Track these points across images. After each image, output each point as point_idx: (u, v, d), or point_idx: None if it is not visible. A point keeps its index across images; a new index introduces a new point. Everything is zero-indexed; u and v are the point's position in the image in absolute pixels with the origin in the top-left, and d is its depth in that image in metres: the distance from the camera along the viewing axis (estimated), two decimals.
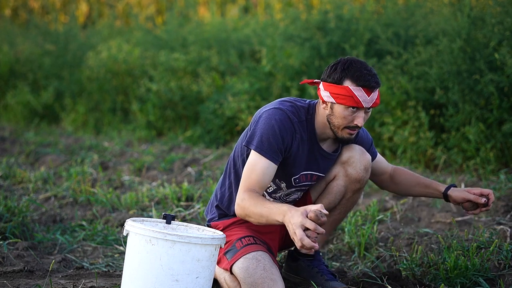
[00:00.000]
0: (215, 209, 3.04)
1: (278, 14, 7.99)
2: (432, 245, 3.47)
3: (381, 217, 3.99)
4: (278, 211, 2.61)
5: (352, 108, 2.76)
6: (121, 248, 3.71)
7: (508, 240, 3.41)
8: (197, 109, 7.54)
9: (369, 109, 2.80)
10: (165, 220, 2.70)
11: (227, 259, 2.82)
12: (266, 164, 2.77)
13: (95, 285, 3.02)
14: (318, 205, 2.53)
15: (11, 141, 7.44)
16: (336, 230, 3.88)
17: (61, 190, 4.84)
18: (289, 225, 2.54)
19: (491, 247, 3.16)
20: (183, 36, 8.64)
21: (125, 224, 2.53)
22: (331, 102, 2.78)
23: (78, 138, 7.89)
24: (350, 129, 2.82)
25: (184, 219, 4.15)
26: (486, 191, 2.91)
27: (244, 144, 2.82)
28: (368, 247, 3.65)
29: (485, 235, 3.44)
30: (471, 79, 5.14)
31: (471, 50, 5.18)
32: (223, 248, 2.86)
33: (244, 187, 2.76)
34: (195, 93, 7.60)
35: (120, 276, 3.17)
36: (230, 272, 2.81)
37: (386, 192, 4.61)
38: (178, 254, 2.43)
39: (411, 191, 3.11)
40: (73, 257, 3.54)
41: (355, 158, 2.94)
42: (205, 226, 2.86)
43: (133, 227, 2.48)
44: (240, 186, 2.78)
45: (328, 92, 2.77)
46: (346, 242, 3.71)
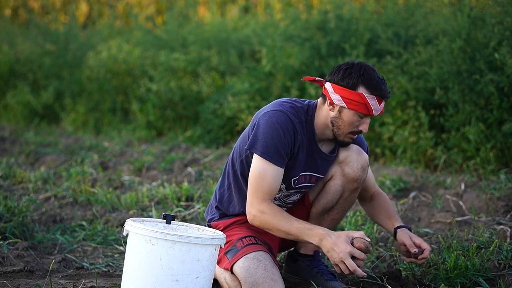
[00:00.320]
0: (215, 210, 3.04)
1: (278, 14, 7.99)
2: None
3: None
4: (312, 233, 2.67)
5: (361, 115, 2.77)
6: (121, 248, 3.71)
7: (508, 240, 3.41)
8: (197, 109, 7.54)
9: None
10: (165, 220, 2.70)
11: (228, 259, 2.82)
12: (276, 171, 2.77)
13: (95, 285, 3.02)
14: (361, 233, 2.63)
15: (11, 141, 7.44)
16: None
17: (61, 190, 4.84)
18: (332, 252, 2.61)
19: (491, 247, 3.16)
20: (183, 36, 8.64)
21: (125, 224, 2.53)
22: (341, 106, 2.78)
23: (78, 138, 7.89)
24: (353, 134, 2.84)
25: (184, 219, 4.15)
26: (424, 246, 2.88)
27: (247, 147, 2.81)
28: None
29: (485, 235, 3.44)
30: (471, 79, 5.14)
31: (471, 50, 5.18)
32: (224, 248, 2.86)
33: (259, 198, 2.76)
34: (195, 93, 7.61)
35: (120, 276, 3.17)
36: (231, 272, 2.81)
37: (386, 192, 4.61)
38: (178, 254, 2.43)
39: (376, 217, 3.11)
40: (73, 257, 3.54)
41: (352, 158, 2.94)
42: (205, 226, 2.86)
43: (133, 227, 2.48)
44: (253, 196, 2.77)
45: (340, 96, 2.76)
46: None
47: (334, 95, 2.77)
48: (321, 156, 2.91)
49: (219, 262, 2.87)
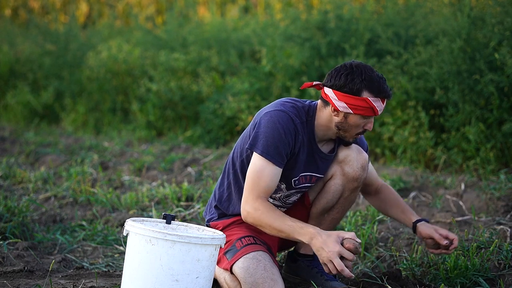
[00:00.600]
0: (214, 209, 3.04)
1: (278, 14, 7.99)
2: None
3: (381, 217, 3.98)
4: (303, 232, 2.65)
5: (366, 117, 2.78)
6: (121, 248, 3.71)
7: (508, 240, 3.41)
8: (197, 109, 7.54)
9: None
10: (165, 220, 2.70)
11: (227, 259, 2.82)
12: (274, 170, 2.77)
13: (95, 285, 3.02)
14: (351, 233, 2.61)
15: (11, 141, 7.44)
16: (336, 230, 3.87)
17: (61, 190, 4.84)
18: (321, 252, 2.60)
19: (491, 247, 3.16)
20: (183, 36, 8.64)
21: (125, 224, 2.53)
22: (347, 112, 2.77)
23: (78, 138, 7.89)
24: (359, 134, 2.85)
25: (184, 219, 4.15)
26: (452, 236, 2.92)
27: (247, 147, 2.81)
28: (368, 247, 3.65)
29: (485, 235, 3.44)
30: (471, 79, 5.14)
31: (471, 50, 5.18)
32: (223, 248, 2.86)
33: (254, 195, 2.76)
34: (195, 93, 7.61)
35: (120, 276, 3.17)
36: (230, 272, 2.81)
37: None
38: (178, 254, 2.43)
39: (388, 211, 3.12)
40: (73, 257, 3.54)
41: (352, 157, 2.94)
42: (205, 226, 2.86)
43: (133, 227, 2.48)
44: (249, 193, 2.77)
45: (345, 103, 2.74)
46: None
47: (339, 103, 2.76)
48: (321, 156, 2.91)
49: (219, 262, 2.87)
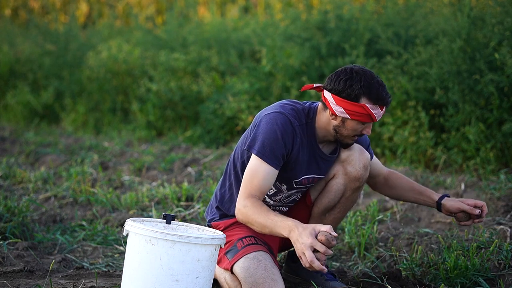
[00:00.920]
0: (216, 210, 3.04)
1: (278, 14, 7.99)
2: (432, 245, 3.47)
3: (381, 217, 3.99)
4: (283, 225, 2.62)
5: (364, 122, 2.78)
6: (121, 248, 3.71)
7: (508, 240, 3.41)
8: (197, 109, 7.54)
9: None
10: (165, 220, 2.70)
11: (228, 259, 2.82)
12: (268, 170, 2.77)
13: (95, 285, 3.02)
14: (328, 226, 2.54)
15: (11, 141, 7.44)
16: (336, 230, 3.87)
17: (61, 190, 4.84)
18: (297, 244, 2.56)
19: (491, 247, 3.16)
20: (183, 36, 8.65)
21: (125, 224, 2.53)
22: (344, 117, 2.77)
23: (78, 138, 7.89)
24: (356, 137, 2.86)
25: (184, 219, 4.15)
26: (480, 203, 2.94)
27: (245, 148, 2.82)
28: (368, 247, 3.65)
29: (485, 235, 3.44)
30: (471, 79, 5.14)
31: (471, 50, 5.18)
32: (224, 248, 2.86)
33: (246, 193, 2.76)
34: (195, 93, 7.61)
35: (120, 276, 3.17)
36: (231, 272, 2.81)
37: None
38: (178, 254, 2.43)
39: (404, 196, 3.11)
40: (73, 257, 3.54)
41: (354, 157, 2.94)
42: (205, 226, 2.86)
43: (133, 227, 2.48)
44: (241, 192, 2.78)
45: (342, 108, 2.74)
46: (346, 242, 3.71)
47: (337, 107, 2.76)
48: (323, 158, 2.92)
49: (219, 262, 2.87)
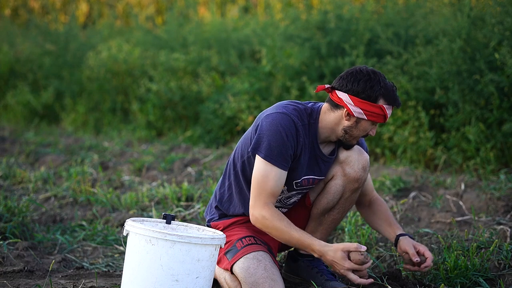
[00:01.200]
0: (215, 210, 3.04)
1: (278, 14, 7.99)
2: (432, 245, 3.47)
3: None
4: (311, 249, 2.76)
5: (375, 123, 2.84)
6: (121, 248, 3.71)
7: (508, 240, 3.41)
8: (197, 109, 7.54)
9: None
10: (165, 220, 2.70)
11: (228, 259, 2.82)
12: (279, 173, 2.79)
13: (95, 285, 3.02)
14: (354, 245, 2.70)
15: (11, 141, 7.44)
16: (336, 230, 3.88)
17: (61, 190, 4.84)
18: (335, 266, 2.75)
19: (491, 247, 3.16)
20: (183, 36, 8.65)
21: (125, 224, 2.53)
22: (360, 118, 2.80)
23: (78, 138, 7.89)
24: (361, 137, 2.91)
25: (184, 219, 4.15)
26: (427, 254, 2.91)
27: (250, 150, 2.82)
28: (368, 247, 3.65)
29: (485, 235, 3.44)
30: (471, 79, 5.14)
31: (471, 50, 5.18)
32: (223, 248, 2.86)
33: (262, 202, 2.79)
34: (195, 93, 7.61)
35: (120, 276, 3.17)
36: (231, 272, 2.81)
37: (386, 192, 4.61)
38: (178, 254, 2.43)
39: (376, 224, 3.14)
40: (73, 257, 3.54)
41: (353, 158, 2.95)
42: (205, 226, 2.86)
43: (133, 227, 2.48)
44: (256, 199, 2.79)
45: (360, 109, 2.78)
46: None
47: (355, 108, 2.78)
48: (323, 158, 2.92)
49: (219, 262, 2.87)
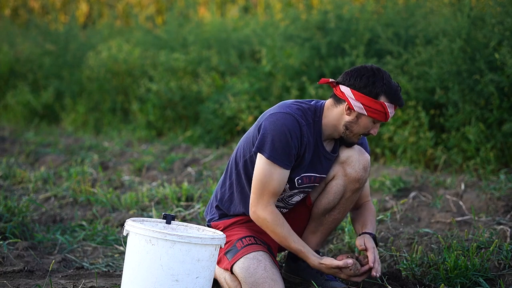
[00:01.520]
0: (215, 209, 3.04)
1: (278, 14, 7.99)
2: (432, 245, 3.47)
3: (381, 217, 3.98)
4: (306, 261, 2.86)
5: (376, 121, 2.82)
6: (121, 248, 3.71)
7: (508, 240, 3.41)
8: (197, 109, 7.54)
9: None
10: (165, 220, 2.70)
11: (228, 259, 2.82)
12: (282, 173, 2.80)
13: (95, 285, 3.02)
14: (341, 263, 2.78)
15: (11, 141, 7.44)
16: (336, 230, 3.88)
17: (61, 190, 4.84)
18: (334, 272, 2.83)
19: (491, 247, 3.16)
20: (183, 36, 8.64)
21: (125, 224, 2.53)
22: (360, 113, 2.80)
23: (78, 138, 7.89)
24: (363, 135, 2.90)
25: (184, 219, 4.15)
26: (371, 259, 2.85)
27: (254, 150, 2.82)
28: None
29: (485, 235, 3.44)
30: (471, 79, 5.14)
31: (471, 50, 5.18)
32: (224, 248, 2.86)
33: (264, 202, 2.81)
34: (195, 93, 7.61)
35: (120, 276, 3.17)
36: (231, 272, 2.81)
37: (386, 192, 4.61)
38: (178, 254, 2.43)
39: (354, 222, 3.15)
40: (73, 257, 3.54)
41: (354, 158, 2.95)
42: (205, 226, 2.86)
43: (133, 227, 2.48)
44: (258, 198, 2.81)
45: (361, 103, 2.78)
46: (346, 242, 3.71)
47: (355, 102, 2.79)
48: (326, 156, 2.92)
49: (219, 262, 2.87)
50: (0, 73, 10.11)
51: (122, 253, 3.65)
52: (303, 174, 2.90)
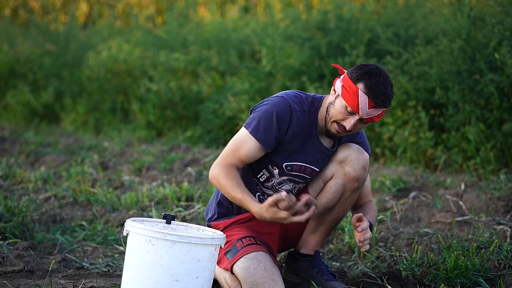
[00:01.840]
0: (215, 209, 3.04)
1: (278, 14, 8.00)
2: (432, 245, 3.47)
3: (381, 217, 3.99)
4: (250, 211, 2.78)
5: (349, 110, 2.78)
6: (121, 248, 3.71)
7: (508, 240, 3.41)
8: (197, 109, 7.54)
9: (366, 122, 2.81)
10: (165, 220, 2.70)
11: (228, 259, 2.82)
12: (257, 146, 2.83)
13: (95, 285, 3.02)
14: (275, 197, 2.64)
15: (11, 141, 7.44)
16: (336, 230, 3.88)
17: (61, 190, 4.84)
18: (277, 222, 2.72)
19: (491, 247, 3.16)
20: (183, 36, 8.65)
21: (125, 224, 2.53)
22: (338, 94, 2.81)
23: (78, 138, 7.89)
24: (339, 126, 2.83)
25: (184, 219, 4.15)
26: (364, 227, 2.83)
27: (244, 126, 2.87)
28: (368, 247, 3.65)
29: (485, 235, 3.44)
30: (471, 79, 5.14)
31: (471, 50, 5.18)
32: (224, 248, 2.86)
33: (226, 161, 2.84)
34: (195, 93, 7.61)
35: (120, 276, 3.17)
36: (231, 272, 2.81)
37: (386, 192, 4.62)
38: (178, 254, 2.43)
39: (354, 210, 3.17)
40: (73, 257, 3.54)
41: (353, 157, 2.94)
42: (205, 226, 2.86)
43: (133, 227, 2.48)
44: (222, 158, 2.85)
45: (342, 84, 2.81)
46: (346, 242, 3.71)
47: (339, 83, 2.82)
48: (321, 149, 2.92)
49: (219, 262, 2.87)
50: (0, 73, 10.11)
51: (122, 253, 3.65)
52: (294, 163, 2.90)
